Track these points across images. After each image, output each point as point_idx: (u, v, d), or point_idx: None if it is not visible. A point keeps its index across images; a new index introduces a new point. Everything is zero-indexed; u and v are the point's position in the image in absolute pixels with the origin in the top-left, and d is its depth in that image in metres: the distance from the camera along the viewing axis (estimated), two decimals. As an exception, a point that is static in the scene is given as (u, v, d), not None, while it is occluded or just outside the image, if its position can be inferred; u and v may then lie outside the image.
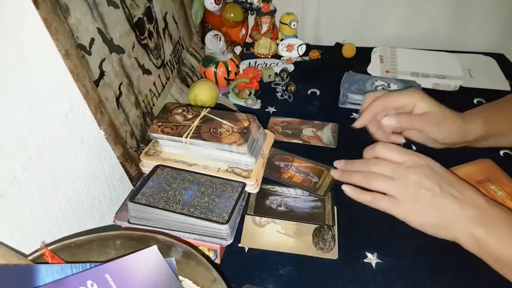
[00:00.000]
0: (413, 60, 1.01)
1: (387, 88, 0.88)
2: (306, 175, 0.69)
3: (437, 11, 1.07)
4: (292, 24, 1.06)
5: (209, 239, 0.54)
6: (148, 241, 0.43)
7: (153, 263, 0.38)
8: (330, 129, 0.81)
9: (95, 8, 0.56)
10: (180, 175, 0.60)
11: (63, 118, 0.51)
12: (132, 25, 0.66)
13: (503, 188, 0.62)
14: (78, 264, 0.38)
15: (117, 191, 0.65)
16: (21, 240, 0.44)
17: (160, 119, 0.64)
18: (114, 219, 0.57)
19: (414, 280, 0.54)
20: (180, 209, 0.54)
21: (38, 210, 0.47)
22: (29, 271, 0.37)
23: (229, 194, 0.57)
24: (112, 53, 0.60)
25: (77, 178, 0.54)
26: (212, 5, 0.96)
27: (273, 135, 0.72)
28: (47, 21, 0.46)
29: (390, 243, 0.59)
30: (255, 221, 0.62)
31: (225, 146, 0.59)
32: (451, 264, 0.56)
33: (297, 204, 0.64)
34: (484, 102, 0.88)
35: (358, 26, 1.11)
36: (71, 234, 0.53)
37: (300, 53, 1.06)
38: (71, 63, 0.50)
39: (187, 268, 0.43)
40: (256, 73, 0.95)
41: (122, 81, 0.63)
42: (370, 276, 0.55)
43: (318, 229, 0.58)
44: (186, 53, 0.93)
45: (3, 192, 0.41)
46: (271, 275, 0.55)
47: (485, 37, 1.08)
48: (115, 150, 0.60)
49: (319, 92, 0.93)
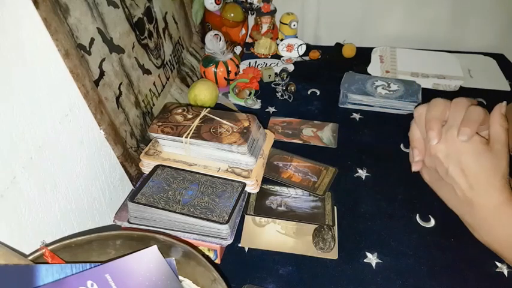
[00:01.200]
0: (413, 60, 1.01)
1: (387, 88, 0.88)
2: (304, 175, 0.69)
3: (437, 11, 1.07)
4: (292, 24, 1.06)
5: (209, 239, 0.54)
6: (148, 241, 0.43)
7: (153, 263, 0.38)
8: (330, 129, 0.81)
9: (94, 8, 0.56)
10: (180, 175, 0.60)
11: (63, 118, 0.51)
12: (132, 25, 0.66)
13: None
14: (78, 264, 0.38)
15: (117, 191, 0.65)
16: (21, 240, 0.44)
17: (160, 119, 0.64)
18: (114, 219, 0.57)
19: (414, 280, 0.54)
20: (180, 209, 0.54)
21: (38, 210, 0.47)
22: (29, 271, 0.37)
23: (229, 194, 0.57)
24: (112, 52, 0.60)
25: (77, 178, 0.54)
26: (212, 5, 0.96)
27: (273, 135, 0.72)
28: (46, 21, 0.46)
29: (390, 243, 0.59)
30: (255, 221, 0.62)
31: (225, 146, 0.59)
32: (451, 264, 0.56)
33: (297, 204, 0.64)
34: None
35: (358, 26, 1.11)
36: (71, 234, 0.53)
37: (300, 53, 1.06)
38: (70, 63, 0.50)
39: (187, 268, 0.43)
40: (256, 73, 0.95)
41: (122, 81, 0.63)
42: (370, 276, 0.55)
43: (318, 229, 0.58)
44: (186, 53, 0.93)
45: (3, 192, 0.41)
46: (271, 275, 0.55)
47: (485, 37, 1.08)
48: (115, 150, 0.60)
49: (319, 92, 0.93)
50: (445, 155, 0.52)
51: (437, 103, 0.52)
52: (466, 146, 0.51)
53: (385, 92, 0.87)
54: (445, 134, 0.51)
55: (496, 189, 0.50)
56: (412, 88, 0.88)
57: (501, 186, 0.50)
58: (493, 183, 0.50)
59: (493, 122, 0.52)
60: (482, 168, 0.50)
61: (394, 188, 0.64)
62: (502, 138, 0.51)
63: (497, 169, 0.50)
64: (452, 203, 0.55)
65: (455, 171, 0.51)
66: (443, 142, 0.51)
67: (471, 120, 0.50)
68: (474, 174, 0.51)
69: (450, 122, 0.52)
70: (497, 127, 0.51)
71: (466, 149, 0.51)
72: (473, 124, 0.50)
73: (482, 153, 0.51)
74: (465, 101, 0.52)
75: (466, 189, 0.51)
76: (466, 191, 0.51)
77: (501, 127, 0.51)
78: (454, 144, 0.51)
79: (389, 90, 0.87)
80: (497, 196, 0.50)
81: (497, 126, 0.51)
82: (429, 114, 0.53)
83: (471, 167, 0.51)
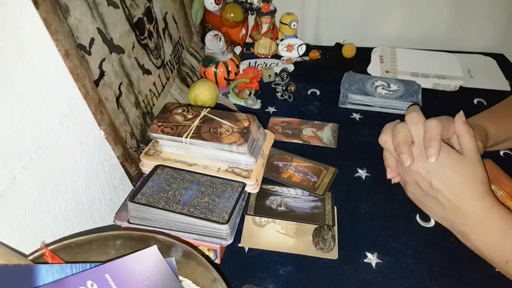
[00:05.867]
0: (413, 60, 1.01)
1: (387, 88, 0.88)
2: (304, 175, 0.69)
3: (437, 11, 1.07)
4: (292, 24, 1.06)
5: (209, 239, 0.54)
6: (148, 241, 0.43)
7: (153, 263, 0.38)
8: (330, 129, 0.81)
9: (94, 8, 0.56)
10: (180, 175, 0.60)
11: (63, 118, 0.51)
12: (132, 25, 0.66)
13: (503, 188, 0.62)
14: (78, 264, 0.38)
15: (117, 191, 0.65)
16: (21, 240, 0.44)
17: (160, 119, 0.64)
18: (114, 219, 0.57)
19: (414, 280, 0.54)
20: (180, 209, 0.54)
21: (38, 210, 0.47)
22: (29, 271, 0.37)
23: (229, 194, 0.57)
24: (112, 53, 0.60)
25: (77, 178, 0.54)
26: (212, 5, 0.96)
27: (273, 135, 0.72)
28: (46, 21, 0.46)
29: (390, 243, 0.59)
30: (255, 221, 0.62)
31: (225, 146, 0.59)
32: (451, 264, 0.56)
33: (297, 204, 0.64)
34: (484, 102, 0.88)
35: (358, 26, 1.11)
36: (71, 234, 0.53)
37: (300, 53, 1.06)
38: (70, 63, 0.50)
39: (187, 268, 0.43)
40: (256, 73, 0.95)
41: (122, 81, 0.63)
42: (370, 276, 0.55)
43: (318, 229, 0.58)
44: (186, 53, 0.93)
45: (3, 192, 0.41)
46: (271, 275, 0.55)
47: (485, 37, 1.08)
48: (115, 150, 0.60)
49: (319, 92, 0.93)
50: (426, 171, 0.55)
51: (399, 128, 0.57)
52: (443, 159, 0.54)
53: (385, 92, 0.87)
54: (420, 152, 0.55)
55: (479, 196, 0.53)
56: (412, 88, 0.88)
57: (483, 192, 0.53)
58: (476, 189, 0.53)
59: (459, 133, 0.56)
60: (464, 177, 0.53)
61: (394, 188, 0.64)
62: (473, 145, 0.54)
63: (477, 176, 0.53)
64: (439, 214, 0.57)
65: (438, 183, 0.54)
66: (420, 159, 0.54)
67: (432, 139, 0.54)
68: (457, 183, 0.53)
69: (416, 140, 0.56)
70: (465, 136, 0.55)
71: (443, 161, 0.54)
72: (435, 141, 0.53)
73: (460, 161, 0.54)
74: (418, 117, 0.56)
75: (453, 198, 0.53)
76: (454, 200, 0.53)
77: (468, 135, 0.54)
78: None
79: (389, 90, 0.87)
80: (481, 202, 0.52)
81: (464, 135, 0.55)
82: (395, 139, 0.57)
83: (454, 177, 0.53)
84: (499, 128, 0.64)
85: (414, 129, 0.56)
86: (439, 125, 0.54)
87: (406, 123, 0.57)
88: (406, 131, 0.56)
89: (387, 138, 0.58)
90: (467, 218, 0.53)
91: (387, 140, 0.58)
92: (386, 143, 0.59)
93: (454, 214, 0.54)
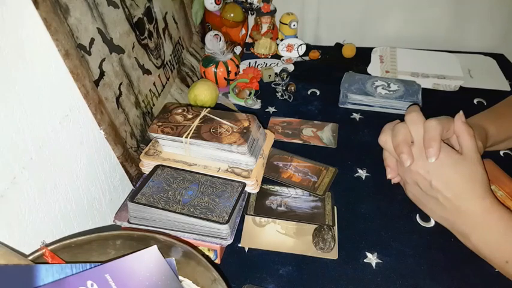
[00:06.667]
0: (413, 60, 1.01)
1: (387, 88, 0.88)
2: (304, 175, 0.69)
3: (437, 11, 1.07)
4: (292, 24, 1.06)
5: (209, 239, 0.54)
6: (148, 241, 0.43)
7: (153, 263, 0.38)
8: (330, 129, 0.81)
9: (94, 8, 0.56)
10: (180, 175, 0.60)
11: (63, 118, 0.51)
12: (132, 25, 0.66)
13: (503, 188, 0.62)
14: (78, 264, 0.38)
15: (117, 191, 0.65)
16: (21, 240, 0.44)
17: (160, 119, 0.64)
18: (114, 219, 0.57)
19: (414, 280, 0.54)
20: (180, 209, 0.54)
21: (38, 210, 0.47)
22: (29, 271, 0.37)
23: (229, 194, 0.57)
24: (112, 53, 0.60)
25: (77, 178, 0.54)
26: (212, 5, 0.96)
27: (273, 135, 0.72)
28: (46, 21, 0.46)
29: (390, 243, 0.59)
30: (255, 221, 0.62)
31: (225, 146, 0.59)
32: (451, 264, 0.56)
33: (297, 204, 0.64)
34: (484, 102, 0.88)
35: (358, 26, 1.11)
36: (71, 234, 0.53)
37: (300, 53, 1.06)
38: (70, 63, 0.50)
39: (187, 268, 0.43)
40: (256, 73, 0.95)
41: (122, 81, 0.63)
42: (370, 276, 0.55)
43: (318, 229, 0.58)
44: (186, 53, 0.93)
45: (3, 192, 0.41)
46: (271, 275, 0.55)
47: (485, 37, 1.08)
48: (115, 150, 0.60)
49: (319, 92, 0.93)
50: (426, 171, 0.55)
51: (399, 128, 0.57)
52: (443, 159, 0.53)
53: (385, 92, 0.87)
54: (420, 152, 0.55)
55: (479, 196, 0.53)
56: (412, 88, 0.88)
57: (483, 192, 0.53)
58: (476, 189, 0.53)
59: (459, 133, 0.56)
60: (463, 177, 0.53)
61: (394, 188, 0.64)
62: (473, 145, 0.54)
63: (477, 176, 0.53)
64: (439, 214, 0.57)
65: (438, 183, 0.54)
66: (420, 159, 0.54)
67: (432, 139, 0.54)
68: (457, 183, 0.53)
69: (416, 140, 0.56)
70: (465, 136, 0.55)
71: (443, 161, 0.54)
72: (435, 141, 0.53)
73: (460, 161, 0.54)
74: (418, 117, 0.56)
75: (453, 198, 0.53)
76: (454, 200, 0.53)
77: (468, 135, 0.54)
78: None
79: (389, 90, 0.87)
80: (481, 202, 0.52)
81: (464, 135, 0.55)
82: (395, 140, 0.57)
83: (454, 177, 0.53)
84: (498, 127, 0.64)
85: (414, 129, 0.56)
86: (439, 125, 0.54)
87: (406, 123, 0.57)
88: (406, 131, 0.56)
89: (387, 138, 0.58)
90: (467, 218, 0.53)
91: (387, 140, 0.58)
92: (386, 143, 0.59)
93: (454, 214, 0.54)
